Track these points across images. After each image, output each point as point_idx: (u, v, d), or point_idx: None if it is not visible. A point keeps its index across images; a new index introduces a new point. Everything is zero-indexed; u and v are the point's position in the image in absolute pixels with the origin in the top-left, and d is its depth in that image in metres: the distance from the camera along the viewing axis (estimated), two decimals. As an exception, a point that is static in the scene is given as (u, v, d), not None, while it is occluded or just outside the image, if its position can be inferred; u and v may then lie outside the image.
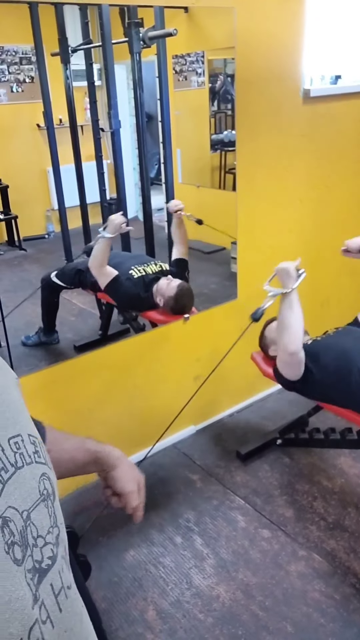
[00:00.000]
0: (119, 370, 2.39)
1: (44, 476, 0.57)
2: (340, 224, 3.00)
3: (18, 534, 0.50)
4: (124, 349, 2.42)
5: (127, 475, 1.01)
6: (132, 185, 2.87)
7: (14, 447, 0.54)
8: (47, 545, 0.54)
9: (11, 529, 0.49)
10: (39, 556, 0.52)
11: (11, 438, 0.54)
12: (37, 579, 0.52)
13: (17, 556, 0.49)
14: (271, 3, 2.28)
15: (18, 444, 0.55)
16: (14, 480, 0.52)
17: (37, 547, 0.52)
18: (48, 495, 0.56)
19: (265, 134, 2.49)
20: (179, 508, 2.30)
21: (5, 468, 0.51)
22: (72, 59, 2.47)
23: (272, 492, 2.35)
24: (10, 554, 0.48)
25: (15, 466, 0.53)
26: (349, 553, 2.04)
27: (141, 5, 2.19)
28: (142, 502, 1.03)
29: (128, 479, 1.01)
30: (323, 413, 2.49)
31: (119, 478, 1.00)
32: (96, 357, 2.30)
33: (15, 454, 0.54)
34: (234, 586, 1.95)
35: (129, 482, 1.01)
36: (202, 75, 2.75)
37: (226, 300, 2.69)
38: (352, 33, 2.82)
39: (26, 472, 0.54)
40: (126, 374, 2.42)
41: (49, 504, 0.56)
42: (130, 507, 1.02)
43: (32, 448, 0.57)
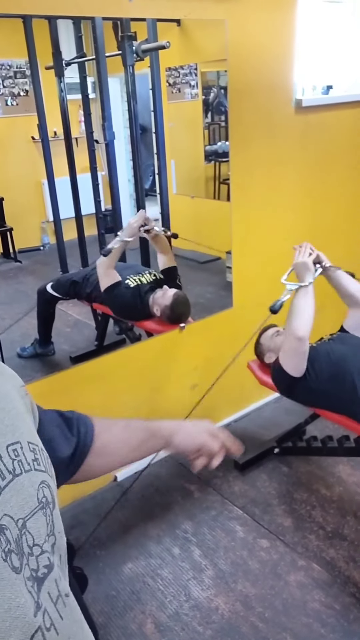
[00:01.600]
0: (115, 380, 2.38)
1: (43, 484, 0.57)
2: (334, 231, 3.01)
3: (14, 542, 0.50)
4: (120, 359, 2.41)
5: (190, 433, 0.96)
6: (127, 197, 2.88)
7: (12, 454, 0.54)
8: (44, 553, 0.54)
9: (7, 537, 0.49)
10: (34, 565, 0.52)
11: (10, 445, 0.54)
12: (37, 586, 0.52)
13: (15, 564, 0.49)
14: (262, 14, 2.30)
15: (17, 451, 0.55)
16: (11, 488, 0.52)
17: (33, 555, 0.52)
18: (47, 503, 0.56)
19: (259, 144, 2.50)
20: (177, 519, 2.28)
21: (2, 475, 0.51)
22: (66, 72, 2.50)
23: (271, 501, 2.34)
24: (8, 561, 0.48)
25: (14, 473, 0.53)
26: (349, 562, 2.03)
27: (134, 19, 2.21)
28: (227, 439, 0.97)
29: (193, 435, 0.96)
30: (320, 421, 2.48)
31: (183, 440, 0.95)
32: (92, 368, 2.29)
33: (14, 462, 0.54)
34: (233, 597, 1.92)
35: (196, 437, 0.95)
36: (196, 88, 2.77)
37: (222, 309, 2.69)
38: (343, 44, 2.85)
39: (24, 479, 0.54)
40: (122, 384, 2.41)
41: (47, 512, 0.56)
42: (214, 454, 0.95)
43: (32, 455, 0.57)
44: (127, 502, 2.32)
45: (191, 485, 2.46)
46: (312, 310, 2.04)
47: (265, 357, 2.32)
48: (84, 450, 0.84)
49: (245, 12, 2.24)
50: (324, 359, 2.08)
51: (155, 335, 2.50)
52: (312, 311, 2.04)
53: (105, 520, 2.20)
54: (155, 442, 0.94)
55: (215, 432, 0.97)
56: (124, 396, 2.42)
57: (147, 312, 2.41)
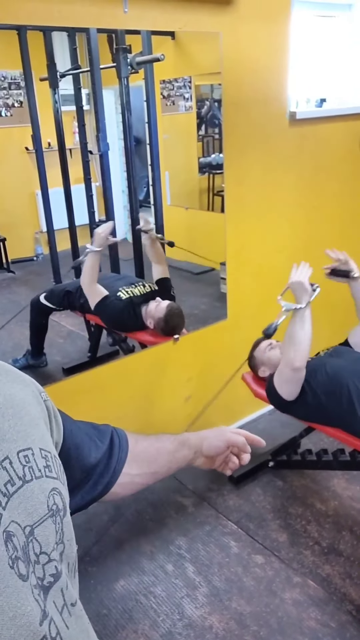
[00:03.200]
0: (108, 392, 2.35)
1: (55, 491, 0.56)
2: (328, 243, 3.00)
3: (20, 549, 0.49)
4: (114, 370, 2.38)
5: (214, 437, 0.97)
6: (121, 208, 2.88)
7: (23, 460, 0.53)
8: (51, 562, 0.53)
9: (14, 544, 0.48)
10: (40, 573, 0.51)
11: (21, 451, 0.54)
12: (43, 595, 0.51)
13: (22, 572, 0.48)
14: (256, 28, 2.31)
15: (28, 457, 0.54)
16: (19, 494, 0.51)
17: (39, 564, 0.51)
18: (57, 511, 0.55)
19: (253, 156, 2.51)
20: (170, 534, 2.24)
21: (12, 481, 0.51)
22: (60, 84, 2.49)
23: (265, 516, 2.30)
24: (15, 569, 0.47)
25: (24, 480, 0.52)
26: (345, 578, 1.99)
27: (128, 31, 2.21)
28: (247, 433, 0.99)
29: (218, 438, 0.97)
30: (315, 434, 2.46)
31: (210, 444, 0.96)
32: (85, 380, 2.26)
33: (24, 468, 0.53)
34: (228, 616, 1.88)
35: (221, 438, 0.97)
36: (190, 100, 2.78)
37: (216, 320, 2.68)
38: (336, 57, 2.88)
39: (35, 486, 0.53)
40: (116, 396, 2.38)
41: (57, 520, 0.55)
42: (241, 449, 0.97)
43: (43, 462, 0.56)
44: (120, 516, 2.28)
45: (185, 499, 2.42)
46: (309, 337, 2.01)
47: (259, 371, 2.30)
48: (120, 455, 0.84)
49: (239, 25, 2.25)
50: (321, 373, 2.07)
51: (149, 347, 2.48)
52: (309, 338, 2.01)
53: (97, 535, 2.16)
54: (186, 452, 0.95)
55: (234, 430, 0.99)
56: (117, 408, 2.39)
57: (140, 324, 2.39)
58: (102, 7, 1.90)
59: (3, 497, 0.49)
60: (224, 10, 2.19)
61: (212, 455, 0.97)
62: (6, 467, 0.51)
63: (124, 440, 0.86)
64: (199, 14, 2.13)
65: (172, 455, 0.93)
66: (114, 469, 0.82)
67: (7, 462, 0.51)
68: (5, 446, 0.52)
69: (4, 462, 0.51)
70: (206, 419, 2.76)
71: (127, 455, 0.85)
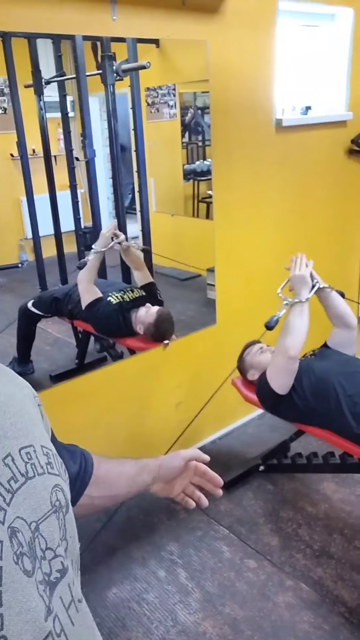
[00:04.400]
0: (96, 399, 2.34)
1: (57, 487, 0.56)
2: (314, 249, 3.04)
3: (26, 545, 0.49)
4: (102, 377, 2.37)
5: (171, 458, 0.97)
6: (107, 214, 2.88)
7: (25, 457, 0.53)
8: (57, 557, 0.53)
9: (19, 539, 0.48)
10: (47, 569, 0.51)
11: (22, 448, 0.54)
12: (49, 591, 0.51)
13: (27, 567, 0.48)
14: (243, 36, 2.35)
15: (30, 454, 0.54)
16: (23, 491, 0.51)
17: (46, 559, 0.51)
18: (60, 507, 0.55)
19: (240, 163, 2.53)
20: (162, 540, 2.23)
21: (15, 478, 0.51)
22: (45, 91, 2.49)
23: (257, 520, 2.31)
24: (20, 564, 0.47)
25: (26, 476, 0.52)
26: (336, 581, 2.00)
27: (114, 39, 2.22)
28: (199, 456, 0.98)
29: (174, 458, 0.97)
30: (304, 438, 2.48)
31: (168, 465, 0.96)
32: (73, 387, 2.25)
33: (27, 464, 0.53)
34: (221, 621, 1.88)
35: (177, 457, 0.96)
36: (174, 108, 2.80)
37: (204, 326, 2.69)
38: (321, 66, 2.93)
39: (37, 482, 0.53)
40: (105, 403, 2.37)
41: (60, 516, 0.55)
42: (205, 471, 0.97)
43: (45, 459, 0.56)
44: (111, 523, 2.26)
45: (177, 504, 2.40)
46: (306, 329, 2.03)
47: (248, 374, 2.31)
48: (85, 478, 0.83)
49: (226, 33, 2.28)
50: (308, 375, 2.08)
51: (138, 353, 2.47)
52: (306, 330, 2.03)
53: (88, 542, 2.14)
54: (146, 477, 0.94)
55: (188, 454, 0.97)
56: (106, 415, 2.38)
57: (129, 330, 2.39)
58: (90, 14, 1.91)
59: (7, 493, 0.49)
60: (211, 19, 2.22)
61: (169, 479, 0.96)
62: (9, 464, 0.51)
63: (89, 464, 0.85)
64: (186, 22, 2.15)
65: (133, 480, 0.93)
66: (77, 491, 0.82)
67: (10, 459, 0.51)
68: (7, 443, 0.52)
69: (6, 459, 0.51)
70: (196, 425, 2.76)
71: (90, 478, 0.84)
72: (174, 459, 0.96)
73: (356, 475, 2.48)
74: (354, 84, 2.88)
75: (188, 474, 0.98)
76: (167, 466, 0.96)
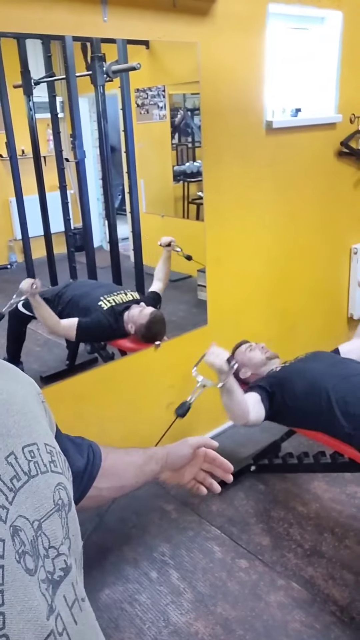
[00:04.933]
0: (87, 400, 2.33)
1: (60, 486, 0.56)
2: (304, 249, 3.07)
3: (29, 543, 0.49)
4: (93, 378, 2.37)
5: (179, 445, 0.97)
6: (96, 215, 2.87)
7: (28, 455, 0.53)
8: (60, 556, 0.53)
9: (22, 538, 0.48)
10: (50, 567, 0.51)
11: (26, 446, 0.54)
12: (52, 590, 0.50)
13: (29, 566, 0.48)
14: (233, 38, 2.36)
15: (33, 452, 0.54)
16: (26, 489, 0.51)
17: (49, 558, 0.51)
18: (63, 506, 0.55)
19: (231, 164, 2.54)
20: (154, 541, 2.23)
21: (17, 476, 0.51)
22: (34, 91, 2.48)
23: (248, 520, 2.31)
24: (22, 563, 0.47)
25: (29, 474, 0.52)
26: (327, 580, 2.02)
27: (103, 40, 2.22)
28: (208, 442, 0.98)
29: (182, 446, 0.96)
30: (296, 438, 2.49)
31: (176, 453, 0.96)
32: (64, 388, 2.24)
33: (30, 463, 0.53)
34: (213, 621, 1.88)
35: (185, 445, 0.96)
36: (164, 109, 2.80)
37: (195, 327, 2.69)
38: (310, 68, 2.95)
39: (40, 481, 0.53)
40: (96, 404, 2.36)
41: (62, 515, 0.55)
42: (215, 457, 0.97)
43: (49, 457, 0.56)
44: (102, 524, 2.26)
45: (168, 505, 2.42)
46: (240, 405, 2.01)
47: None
48: (92, 471, 0.83)
49: (216, 36, 2.29)
50: (299, 377, 2.10)
51: (130, 354, 2.47)
52: (243, 400, 2.02)
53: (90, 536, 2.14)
54: (154, 466, 0.94)
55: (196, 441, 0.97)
56: (98, 416, 2.38)
57: (122, 331, 2.39)
58: (82, 15, 1.91)
59: (9, 492, 0.49)
60: (202, 21, 2.23)
61: (178, 467, 0.96)
62: (12, 463, 0.51)
63: (97, 456, 0.85)
64: (177, 24, 2.16)
65: (141, 470, 0.93)
66: (85, 484, 0.82)
67: (13, 457, 0.51)
68: (10, 442, 0.52)
69: (9, 457, 0.51)
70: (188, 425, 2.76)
71: (98, 471, 0.84)
72: (182, 446, 0.96)
73: (346, 475, 2.50)
74: (343, 86, 2.90)
75: (197, 461, 0.97)
76: (175, 454, 0.95)
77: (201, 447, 0.96)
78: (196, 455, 0.97)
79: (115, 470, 0.88)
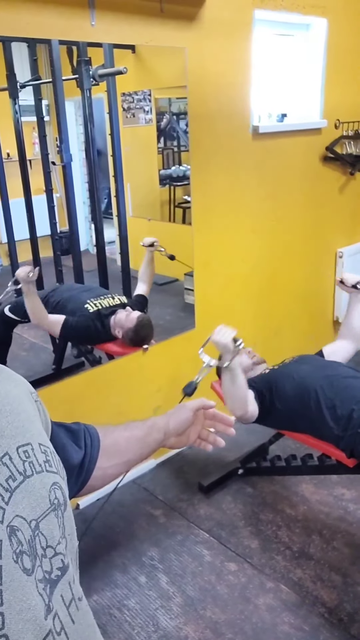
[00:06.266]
0: (75, 405, 2.32)
1: (55, 485, 0.56)
2: (290, 253, 3.10)
3: (26, 543, 0.49)
4: (80, 382, 2.36)
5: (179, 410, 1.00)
6: (82, 219, 2.87)
7: (23, 455, 0.53)
8: (58, 555, 0.53)
9: (19, 538, 0.48)
10: (48, 567, 0.51)
11: (20, 447, 0.54)
12: (49, 589, 0.50)
13: (26, 566, 0.48)
14: (220, 44, 2.38)
15: (27, 452, 0.54)
16: (22, 489, 0.51)
17: (47, 557, 0.51)
18: (59, 505, 0.55)
19: (218, 168, 2.56)
20: (142, 545, 2.22)
21: (13, 476, 0.51)
22: (20, 95, 2.47)
23: (237, 523, 2.32)
24: (19, 563, 0.47)
25: (24, 475, 0.52)
26: (316, 582, 2.03)
27: (90, 44, 2.22)
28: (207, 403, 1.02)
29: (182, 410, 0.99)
30: (283, 441, 2.51)
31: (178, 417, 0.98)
32: (50, 393, 2.23)
33: (25, 463, 0.53)
34: (203, 625, 1.88)
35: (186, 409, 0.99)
36: (150, 113, 2.80)
37: (181, 331, 2.70)
38: (296, 75, 2.98)
39: (36, 480, 0.53)
40: (83, 409, 2.35)
41: (59, 514, 0.55)
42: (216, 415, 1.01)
43: (43, 457, 0.56)
44: (90, 530, 2.25)
45: (156, 510, 2.41)
46: (243, 388, 2.02)
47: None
48: (92, 456, 0.84)
49: (204, 41, 2.31)
50: (288, 380, 2.11)
51: (117, 358, 2.47)
52: (244, 388, 2.03)
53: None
54: (156, 435, 0.96)
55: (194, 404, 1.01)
56: (84, 421, 2.33)
57: (108, 335, 2.38)
58: (70, 20, 1.91)
59: (5, 492, 0.49)
60: (189, 27, 2.24)
61: (181, 430, 0.99)
62: (6, 463, 0.51)
63: (95, 439, 0.86)
64: (165, 29, 2.17)
65: (143, 441, 0.95)
66: (87, 468, 0.83)
67: (7, 457, 0.51)
68: (4, 442, 0.52)
69: (3, 458, 0.51)
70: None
71: (98, 452, 0.85)
72: (181, 411, 0.99)
73: (333, 477, 2.52)
74: (328, 92, 2.94)
75: (199, 421, 1.02)
76: (176, 420, 0.98)
77: (200, 409, 1.01)
78: (197, 417, 1.01)
79: (117, 448, 0.90)
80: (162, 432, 0.97)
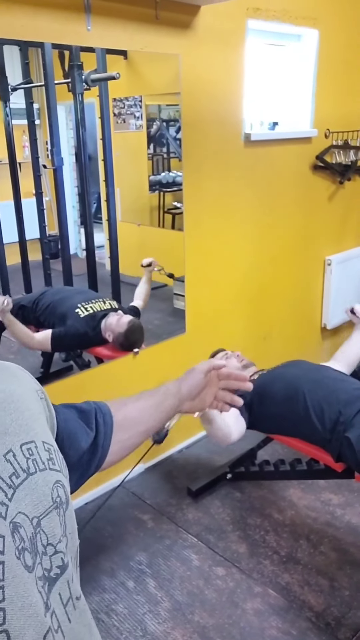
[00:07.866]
0: (63, 408, 2.30)
1: (58, 484, 0.56)
2: (280, 260, 3.12)
3: (28, 540, 0.49)
4: (68, 387, 2.35)
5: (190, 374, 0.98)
6: (72, 223, 2.87)
7: (26, 453, 0.54)
8: (58, 553, 0.53)
9: (21, 534, 0.48)
10: (47, 564, 0.51)
11: (24, 444, 0.54)
12: (48, 587, 0.51)
13: (28, 563, 0.48)
14: (213, 52, 2.40)
15: (31, 450, 0.55)
16: (25, 486, 0.51)
17: (47, 555, 0.51)
18: (61, 503, 0.56)
19: (210, 175, 2.58)
20: (130, 550, 2.21)
21: (16, 473, 0.51)
22: (11, 98, 2.47)
23: (225, 527, 2.32)
24: (22, 559, 0.47)
25: (28, 472, 0.53)
26: (303, 586, 2.04)
27: (83, 48, 2.23)
28: None
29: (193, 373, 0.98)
30: (271, 445, 2.52)
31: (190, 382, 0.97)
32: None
33: (28, 460, 0.53)
34: (191, 629, 1.88)
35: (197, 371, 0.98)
36: (140, 119, 2.82)
37: (170, 336, 2.70)
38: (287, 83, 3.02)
39: (39, 478, 0.54)
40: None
41: (60, 512, 0.55)
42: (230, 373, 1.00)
43: (47, 455, 0.57)
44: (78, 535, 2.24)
45: (144, 514, 2.41)
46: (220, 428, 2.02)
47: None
48: (106, 434, 0.83)
49: (198, 49, 2.33)
50: (278, 382, 2.13)
51: (106, 362, 2.46)
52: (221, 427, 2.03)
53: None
54: (171, 401, 0.95)
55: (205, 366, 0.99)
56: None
57: (99, 339, 2.38)
58: (66, 23, 1.92)
59: (9, 488, 0.49)
60: (183, 34, 2.26)
61: (194, 394, 0.98)
62: (10, 460, 0.51)
63: (107, 416, 0.86)
64: (159, 35, 2.18)
65: (157, 409, 0.93)
66: (102, 447, 0.82)
67: (11, 455, 0.52)
68: (8, 439, 0.52)
69: (7, 454, 0.51)
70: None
71: (112, 429, 0.85)
72: (193, 375, 0.97)
73: (321, 482, 2.53)
74: (318, 102, 2.98)
75: (213, 383, 1.00)
76: (189, 384, 0.97)
77: (211, 370, 0.99)
78: (210, 379, 0.99)
79: (131, 419, 0.90)
80: (176, 398, 0.95)
